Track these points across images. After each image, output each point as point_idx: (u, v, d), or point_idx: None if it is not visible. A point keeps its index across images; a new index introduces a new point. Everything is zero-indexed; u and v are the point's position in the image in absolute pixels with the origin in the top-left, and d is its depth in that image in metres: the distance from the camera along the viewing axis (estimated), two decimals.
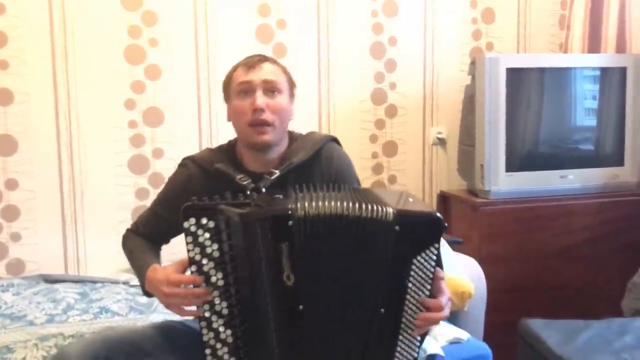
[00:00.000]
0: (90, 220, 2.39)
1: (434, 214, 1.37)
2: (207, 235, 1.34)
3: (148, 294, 1.51)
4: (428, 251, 1.35)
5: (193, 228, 1.33)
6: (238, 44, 2.50)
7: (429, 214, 1.38)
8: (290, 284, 1.29)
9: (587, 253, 2.51)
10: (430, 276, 1.36)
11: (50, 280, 2.13)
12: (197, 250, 1.34)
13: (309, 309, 1.32)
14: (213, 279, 1.35)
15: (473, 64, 2.49)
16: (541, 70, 2.53)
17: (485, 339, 2.07)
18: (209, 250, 1.34)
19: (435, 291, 1.39)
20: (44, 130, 2.32)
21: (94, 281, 2.14)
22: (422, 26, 2.77)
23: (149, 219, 1.64)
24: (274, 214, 1.30)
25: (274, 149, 1.54)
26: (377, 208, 1.32)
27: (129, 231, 1.67)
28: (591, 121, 2.62)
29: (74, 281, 2.13)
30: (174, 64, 2.44)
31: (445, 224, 1.37)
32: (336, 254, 1.33)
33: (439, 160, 2.84)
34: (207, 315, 1.36)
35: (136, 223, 1.67)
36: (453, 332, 1.90)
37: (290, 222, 1.29)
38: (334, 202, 1.32)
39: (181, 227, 1.34)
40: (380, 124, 2.76)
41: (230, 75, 1.55)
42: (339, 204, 1.32)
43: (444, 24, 2.79)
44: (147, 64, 2.42)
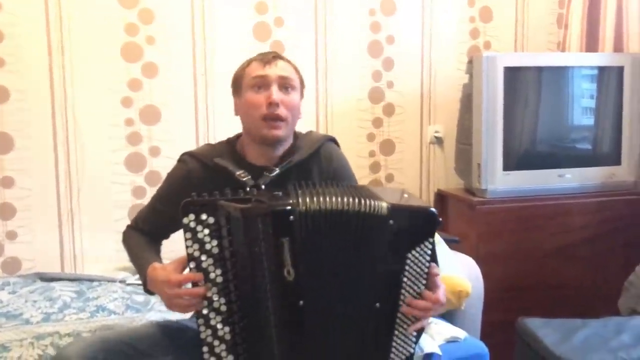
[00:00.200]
0: (86, 219, 2.38)
1: (428, 208, 1.38)
2: (207, 231, 1.33)
3: (150, 292, 1.51)
4: (423, 246, 1.36)
5: (192, 224, 1.33)
6: (235, 41, 2.50)
7: (423, 209, 1.39)
8: (290, 279, 1.29)
9: (585, 252, 2.51)
10: (425, 271, 1.38)
11: (47, 278, 2.13)
12: (196, 246, 1.34)
13: (309, 304, 1.32)
14: (212, 275, 1.35)
15: (470, 62, 2.49)
16: (539, 69, 2.53)
17: (482, 338, 2.07)
18: (208, 246, 1.34)
19: (431, 286, 1.40)
20: (40, 128, 2.32)
21: (90, 279, 2.13)
22: (420, 25, 2.76)
23: (149, 215, 1.64)
24: (276, 209, 1.30)
25: (281, 145, 1.54)
26: (371, 203, 1.33)
27: (129, 228, 1.67)
28: (588, 120, 2.62)
29: (70, 279, 2.13)
30: (171, 62, 2.44)
31: (439, 219, 1.38)
32: (336, 249, 1.34)
33: (437, 159, 2.85)
34: (205, 312, 1.35)
35: (136, 219, 1.67)
36: (450, 331, 1.90)
37: (292, 218, 1.29)
38: (334, 198, 1.33)
39: (180, 222, 1.34)
40: (377, 123, 2.76)
41: (244, 69, 1.55)
42: (339, 199, 1.33)
43: (441, 22, 2.79)
44: (144, 61, 2.41)
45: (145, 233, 1.63)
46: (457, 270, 2.11)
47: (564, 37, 2.80)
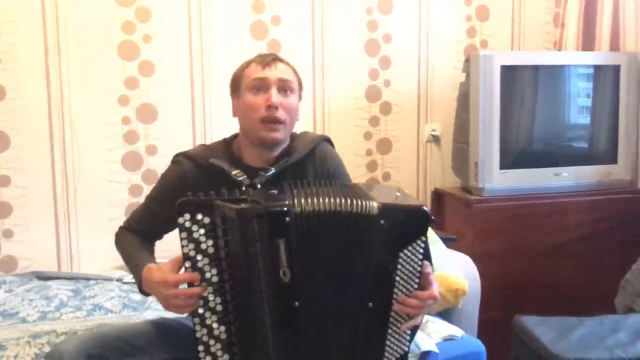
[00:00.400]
0: (83, 217, 2.38)
1: (419, 207, 1.37)
2: (202, 231, 1.33)
3: (145, 293, 1.51)
4: (415, 244, 1.36)
5: (188, 224, 1.33)
6: (232, 40, 2.49)
7: (414, 207, 1.38)
8: (286, 280, 1.29)
9: (581, 250, 2.51)
10: (417, 269, 1.37)
11: (43, 277, 2.12)
12: (192, 246, 1.34)
13: (304, 305, 1.32)
14: (207, 275, 1.35)
15: (467, 61, 2.49)
16: (535, 68, 2.54)
17: (479, 336, 2.08)
18: (203, 246, 1.34)
19: (424, 284, 1.39)
20: (36, 127, 2.31)
21: (87, 278, 2.13)
22: (417, 23, 2.76)
23: (142, 216, 1.63)
24: (272, 210, 1.29)
25: (278, 147, 1.55)
26: (362, 203, 1.33)
27: (122, 229, 1.66)
28: (585, 119, 2.62)
29: (67, 278, 2.13)
30: (167, 60, 2.43)
31: (431, 217, 1.37)
32: (329, 249, 1.34)
33: (433, 158, 2.85)
34: (201, 311, 1.35)
35: (129, 220, 1.66)
36: (447, 329, 1.91)
37: (288, 219, 1.29)
38: (328, 198, 1.33)
39: (175, 223, 1.33)
40: (374, 121, 2.76)
41: (242, 70, 1.55)
42: (333, 199, 1.33)
43: (438, 21, 2.79)
44: (141, 60, 2.40)
45: (138, 234, 1.62)
46: (454, 269, 2.12)
47: (560, 36, 2.80)
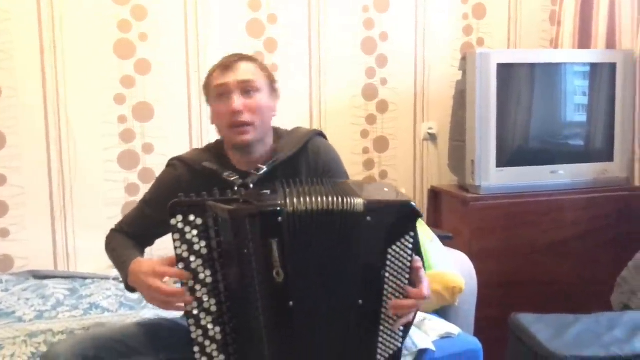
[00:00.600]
0: (79, 216, 2.38)
1: (405, 202, 1.36)
2: (195, 232, 1.33)
3: (130, 288, 1.50)
4: (403, 240, 1.35)
5: (180, 225, 1.33)
6: (228, 38, 2.49)
7: (400, 203, 1.37)
8: (280, 280, 1.29)
9: (577, 248, 2.52)
10: (407, 265, 1.36)
11: (40, 276, 2.12)
12: (185, 247, 1.33)
13: (298, 304, 1.32)
14: (201, 276, 1.35)
15: (464, 59, 2.49)
16: (532, 66, 2.54)
17: (475, 334, 2.08)
18: (196, 247, 1.34)
19: (414, 280, 1.39)
20: (32, 126, 2.30)
21: (83, 277, 2.13)
22: (413, 22, 2.76)
23: (135, 219, 1.63)
24: (264, 210, 1.29)
25: (258, 148, 1.53)
26: (347, 200, 1.32)
27: (113, 231, 1.66)
28: (581, 117, 2.63)
29: (63, 277, 2.12)
30: (164, 59, 2.43)
31: (419, 212, 1.35)
32: (321, 248, 1.33)
33: (430, 156, 2.85)
34: (196, 312, 1.35)
35: (120, 223, 1.66)
36: (444, 327, 1.91)
37: (280, 219, 1.29)
38: (320, 197, 1.33)
39: (168, 227, 1.33)
40: (371, 120, 2.76)
41: (208, 78, 1.55)
42: (325, 198, 1.33)
43: (435, 19, 2.79)
44: (137, 58, 2.40)
45: (130, 237, 1.61)
46: (451, 267, 2.12)
47: (556, 34, 2.81)
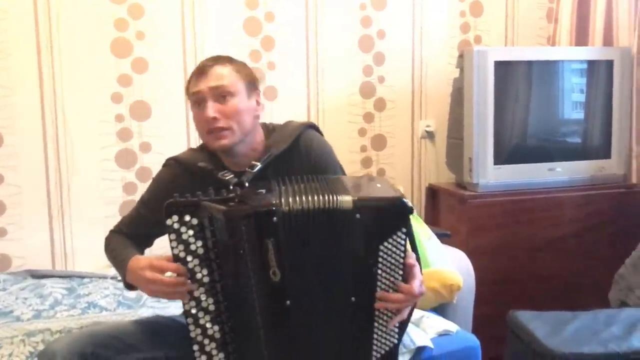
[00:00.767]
0: (77, 215, 2.37)
1: (395, 198, 1.35)
2: (191, 232, 1.33)
3: (129, 286, 1.50)
4: (395, 236, 1.34)
5: (176, 225, 1.33)
6: (226, 37, 2.49)
7: (390, 199, 1.35)
8: (276, 279, 1.29)
9: (575, 245, 2.52)
10: (400, 261, 1.36)
11: (37, 275, 2.12)
12: (181, 247, 1.34)
13: (294, 303, 1.32)
14: (198, 275, 1.35)
15: (461, 57, 2.49)
16: (529, 63, 2.54)
17: (474, 331, 2.08)
18: (193, 247, 1.34)
19: (407, 277, 1.38)
20: (29, 125, 2.30)
21: (81, 276, 2.13)
22: (411, 19, 2.76)
23: (133, 220, 1.63)
24: (258, 210, 1.29)
25: (240, 149, 1.53)
26: (336, 198, 1.32)
27: (112, 232, 1.66)
28: (578, 114, 2.63)
29: (61, 276, 2.12)
30: (161, 57, 2.42)
31: (410, 208, 1.34)
32: (315, 246, 1.33)
33: (428, 154, 2.85)
34: (194, 311, 1.35)
35: (119, 224, 1.66)
36: (442, 324, 1.91)
37: (275, 218, 1.29)
38: (314, 196, 1.33)
39: (165, 226, 1.33)
40: (369, 118, 2.76)
41: (187, 83, 1.55)
42: (317, 197, 1.33)
43: (432, 17, 2.78)
44: (134, 57, 2.40)
45: (129, 237, 1.61)
46: (449, 264, 2.12)
47: (554, 32, 2.81)
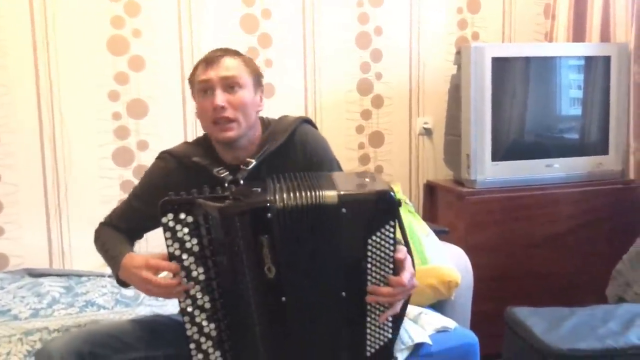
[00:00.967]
0: (74, 214, 2.37)
1: (381, 191, 1.34)
2: (186, 230, 1.33)
3: (122, 283, 1.50)
4: (383, 229, 1.33)
5: (171, 223, 1.33)
6: (222, 34, 2.48)
7: (376, 192, 1.34)
8: (271, 276, 1.29)
9: (572, 241, 2.52)
10: (390, 255, 1.35)
11: (35, 274, 2.12)
12: (177, 245, 1.34)
13: (291, 300, 1.32)
14: (194, 273, 1.35)
15: (459, 53, 2.49)
16: (526, 60, 2.54)
17: (472, 327, 2.08)
18: (188, 245, 1.34)
19: (397, 270, 1.37)
20: (26, 123, 2.29)
21: (79, 275, 2.13)
22: (408, 16, 2.76)
23: (125, 212, 1.62)
24: (252, 207, 1.29)
25: (242, 142, 1.52)
26: (322, 193, 1.32)
27: (102, 224, 1.65)
28: (576, 110, 2.63)
29: (58, 275, 2.12)
30: (158, 55, 2.42)
31: (397, 201, 1.33)
32: (307, 242, 1.33)
33: (425, 150, 2.85)
34: (190, 310, 1.36)
35: (110, 216, 1.65)
36: (440, 321, 1.91)
37: (270, 215, 1.29)
38: (310, 192, 1.33)
39: (159, 222, 1.33)
40: (366, 115, 2.75)
41: (193, 72, 1.54)
42: (305, 192, 1.32)
43: (429, 13, 2.78)
44: (131, 55, 2.39)
45: (119, 230, 1.61)
46: (446, 261, 2.12)
47: (551, 28, 2.81)
